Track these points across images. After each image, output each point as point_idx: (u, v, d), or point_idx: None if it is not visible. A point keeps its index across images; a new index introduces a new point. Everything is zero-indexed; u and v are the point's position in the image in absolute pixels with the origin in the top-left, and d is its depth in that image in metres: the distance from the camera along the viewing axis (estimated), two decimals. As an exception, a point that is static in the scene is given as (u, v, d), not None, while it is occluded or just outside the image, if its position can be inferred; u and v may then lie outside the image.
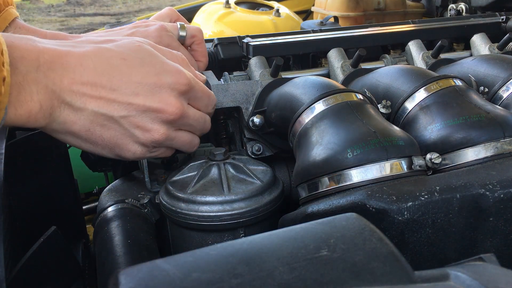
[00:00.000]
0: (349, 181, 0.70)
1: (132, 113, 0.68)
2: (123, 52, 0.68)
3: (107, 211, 0.95)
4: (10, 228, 0.77)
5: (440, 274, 0.43)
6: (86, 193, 1.74)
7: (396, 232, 0.63)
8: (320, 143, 0.74)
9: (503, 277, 0.42)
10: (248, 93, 0.98)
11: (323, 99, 0.80)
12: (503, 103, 0.89)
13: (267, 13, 2.17)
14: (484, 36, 1.19)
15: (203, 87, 0.77)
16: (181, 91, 0.71)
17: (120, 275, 0.41)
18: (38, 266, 0.78)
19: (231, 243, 0.45)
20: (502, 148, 0.74)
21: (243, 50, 1.13)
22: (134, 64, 0.68)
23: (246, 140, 1.01)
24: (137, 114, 0.68)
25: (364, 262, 0.42)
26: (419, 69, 0.93)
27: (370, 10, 2.09)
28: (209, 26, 2.16)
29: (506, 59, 0.96)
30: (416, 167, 0.70)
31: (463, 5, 1.77)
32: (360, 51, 1.01)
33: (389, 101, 0.87)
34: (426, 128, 0.79)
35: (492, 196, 0.65)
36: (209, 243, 0.83)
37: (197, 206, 0.81)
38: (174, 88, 0.70)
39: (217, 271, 0.41)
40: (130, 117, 0.68)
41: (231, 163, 0.87)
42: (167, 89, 0.69)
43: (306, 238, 0.45)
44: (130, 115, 0.68)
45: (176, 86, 0.70)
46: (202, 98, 0.76)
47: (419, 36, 1.17)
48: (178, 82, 0.70)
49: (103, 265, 0.83)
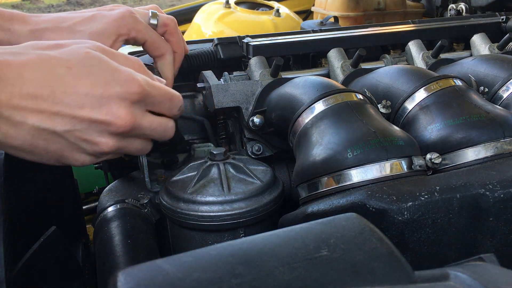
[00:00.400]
0: (349, 181, 0.70)
1: (77, 127, 0.63)
2: (69, 60, 0.63)
3: (107, 211, 0.95)
4: (10, 228, 0.77)
5: (440, 274, 0.43)
6: (86, 193, 1.74)
7: (396, 232, 0.63)
8: (320, 143, 0.74)
9: (503, 277, 0.42)
10: (248, 93, 0.98)
11: (323, 99, 0.80)
12: (503, 103, 0.89)
13: (267, 13, 2.17)
14: (484, 36, 1.19)
15: (163, 90, 0.70)
16: (133, 100, 0.65)
17: (120, 275, 0.41)
18: (38, 266, 0.79)
19: (231, 243, 0.45)
20: (502, 148, 0.74)
21: (243, 50, 1.13)
22: (80, 73, 0.63)
23: (246, 140, 1.01)
24: (83, 127, 0.63)
25: (364, 262, 0.42)
26: (419, 69, 0.93)
27: (370, 10, 2.09)
28: (209, 26, 2.16)
29: (506, 59, 0.96)
30: (416, 167, 0.70)
31: (463, 5, 1.77)
32: (360, 51, 1.01)
33: (389, 101, 0.87)
34: (426, 128, 0.79)
35: (492, 196, 0.65)
36: (209, 243, 0.83)
37: (197, 206, 0.81)
38: (125, 98, 0.64)
39: (217, 271, 0.41)
40: (75, 131, 0.63)
41: (231, 163, 0.87)
42: (116, 100, 0.64)
43: (306, 238, 0.45)
44: (75, 129, 0.63)
45: (127, 95, 0.64)
46: (163, 103, 0.70)
47: (419, 36, 1.17)
48: (128, 91, 0.64)
49: (103, 265, 0.83)
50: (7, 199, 0.81)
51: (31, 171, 1.03)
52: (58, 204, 1.09)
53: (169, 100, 0.71)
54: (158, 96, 0.69)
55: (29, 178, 1.03)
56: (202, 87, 1.04)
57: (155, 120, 0.70)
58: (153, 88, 0.68)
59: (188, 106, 1.18)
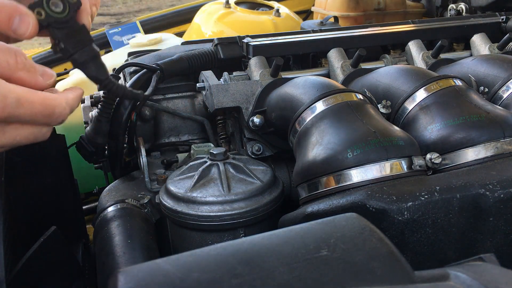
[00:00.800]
0: (349, 181, 0.70)
1: None
2: None
3: (107, 211, 0.95)
4: (10, 228, 0.77)
5: (440, 274, 0.43)
6: (86, 193, 1.74)
7: (396, 232, 0.63)
8: (320, 143, 0.74)
9: (503, 277, 0.42)
10: (248, 93, 0.98)
11: (323, 99, 0.80)
12: (503, 103, 0.89)
13: (267, 13, 2.17)
14: (484, 36, 1.19)
15: (37, 108, 0.60)
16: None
17: (120, 275, 0.41)
18: (38, 266, 0.78)
19: (231, 243, 0.45)
20: (502, 148, 0.74)
21: (243, 50, 1.13)
22: None
23: (246, 140, 1.01)
24: None
25: (364, 262, 0.42)
26: (419, 69, 0.93)
27: (370, 10, 2.09)
28: (209, 26, 2.16)
29: (506, 59, 0.96)
30: (416, 167, 0.70)
31: (463, 5, 1.77)
32: (360, 51, 1.01)
33: (389, 101, 0.87)
34: (426, 128, 0.79)
35: (492, 196, 0.65)
36: (209, 243, 0.83)
37: (197, 206, 0.81)
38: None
39: (217, 271, 0.41)
40: None
41: (231, 163, 0.87)
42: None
43: (306, 238, 0.45)
44: None
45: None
46: (35, 119, 0.61)
47: (419, 36, 1.17)
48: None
49: (103, 265, 0.83)
50: (7, 199, 0.81)
51: (31, 171, 1.03)
52: (58, 204, 1.09)
53: (45, 117, 0.61)
54: (26, 116, 0.59)
55: (29, 178, 1.03)
56: (202, 87, 1.04)
57: (20, 134, 0.61)
58: (21, 107, 0.58)
59: (188, 106, 1.18)
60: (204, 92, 1.04)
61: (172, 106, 1.17)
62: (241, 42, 1.14)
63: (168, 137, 1.18)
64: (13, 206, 0.91)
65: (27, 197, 1.03)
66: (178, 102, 1.17)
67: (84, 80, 1.84)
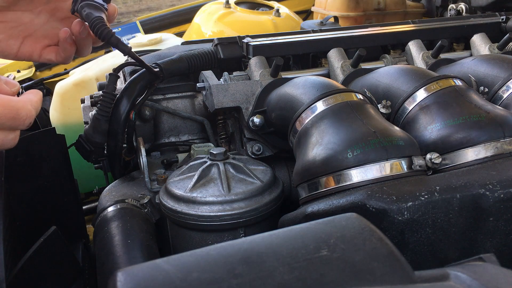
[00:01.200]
0: (349, 181, 0.70)
1: None
2: None
3: (107, 211, 0.95)
4: (10, 228, 0.77)
5: (440, 274, 0.43)
6: (86, 193, 1.74)
7: (396, 232, 0.63)
8: (320, 143, 0.74)
9: (503, 277, 0.42)
10: (248, 93, 0.98)
11: (323, 99, 0.80)
12: (503, 103, 0.89)
13: (267, 13, 2.17)
14: (484, 36, 1.19)
15: (1, 112, 0.61)
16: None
17: (120, 275, 0.41)
18: (38, 266, 0.78)
19: (231, 243, 0.45)
20: (502, 148, 0.74)
21: (243, 50, 1.13)
22: None
23: (246, 140, 1.01)
24: None
25: (364, 262, 0.42)
26: (419, 69, 0.93)
27: (370, 10, 2.09)
28: (209, 26, 2.16)
29: (506, 59, 0.96)
30: (416, 167, 0.70)
31: (463, 5, 1.77)
32: (360, 51, 1.01)
33: (389, 101, 0.87)
34: (426, 128, 0.79)
35: (492, 196, 0.65)
36: (209, 243, 0.83)
37: (197, 206, 0.81)
38: None
39: (217, 271, 0.41)
40: None
41: (231, 163, 0.87)
42: None
43: (306, 238, 0.45)
44: None
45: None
46: (0, 122, 0.61)
47: (419, 36, 1.17)
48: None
49: (103, 265, 0.83)
50: (7, 199, 0.81)
51: (31, 171, 1.03)
52: (58, 204, 1.09)
53: (10, 119, 0.62)
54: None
55: (29, 178, 1.03)
56: (202, 87, 1.04)
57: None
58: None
59: (188, 106, 1.18)
60: (204, 92, 1.04)
61: (172, 106, 1.17)
62: (241, 42, 1.14)
63: (168, 137, 1.18)
64: (13, 206, 0.92)
65: (27, 197, 1.03)
66: (178, 102, 1.17)
67: (84, 80, 1.84)
